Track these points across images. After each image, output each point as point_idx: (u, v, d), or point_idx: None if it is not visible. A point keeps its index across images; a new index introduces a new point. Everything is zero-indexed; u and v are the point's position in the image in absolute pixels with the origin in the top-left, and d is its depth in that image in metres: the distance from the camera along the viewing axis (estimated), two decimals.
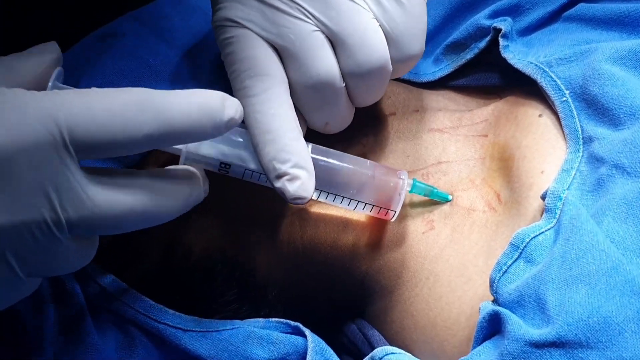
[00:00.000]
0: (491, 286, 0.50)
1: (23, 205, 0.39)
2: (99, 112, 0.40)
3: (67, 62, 0.55)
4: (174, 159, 0.50)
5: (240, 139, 0.51)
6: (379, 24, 0.51)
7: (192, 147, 0.50)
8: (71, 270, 0.44)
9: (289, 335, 0.56)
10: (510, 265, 0.50)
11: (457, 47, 0.64)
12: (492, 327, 0.48)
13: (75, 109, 0.40)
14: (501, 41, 0.61)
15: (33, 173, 0.39)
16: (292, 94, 0.51)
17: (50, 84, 0.45)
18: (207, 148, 0.50)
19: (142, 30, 0.58)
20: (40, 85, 0.44)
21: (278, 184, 0.49)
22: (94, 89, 0.42)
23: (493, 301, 0.50)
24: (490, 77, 0.64)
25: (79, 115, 0.40)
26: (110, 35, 0.57)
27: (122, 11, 0.59)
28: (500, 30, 0.61)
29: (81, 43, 0.57)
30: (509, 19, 0.62)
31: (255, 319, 0.57)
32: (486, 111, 0.61)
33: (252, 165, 0.51)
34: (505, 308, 0.48)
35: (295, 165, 0.49)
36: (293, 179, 0.49)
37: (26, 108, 0.39)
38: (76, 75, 0.55)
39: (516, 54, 0.60)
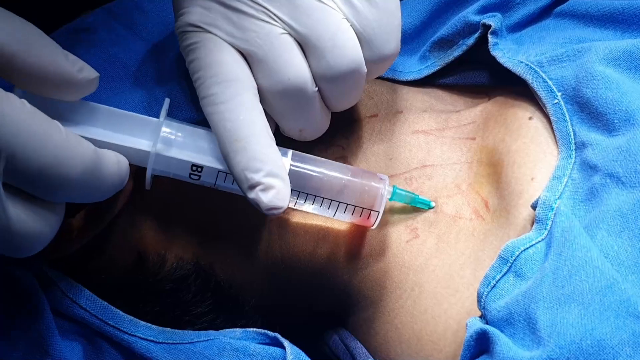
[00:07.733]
0: (479, 301, 0.48)
1: None
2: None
3: None
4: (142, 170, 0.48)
5: (210, 144, 0.49)
6: (350, 24, 0.48)
7: (160, 149, 0.48)
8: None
9: (266, 346, 0.54)
10: (499, 279, 0.48)
11: (444, 44, 0.61)
12: (479, 346, 0.46)
13: None
14: (490, 38, 0.58)
15: None
16: (263, 101, 0.49)
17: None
18: (177, 151, 0.48)
19: (116, 25, 0.55)
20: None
21: (251, 195, 0.47)
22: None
23: (480, 317, 0.48)
24: (478, 76, 0.62)
25: None
26: (83, 30, 0.54)
27: (97, 3, 0.57)
28: (489, 26, 0.58)
29: (53, 36, 0.54)
30: (499, 14, 0.59)
31: (232, 330, 0.55)
32: (474, 112, 0.59)
33: (225, 167, 0.49)
34: (494, 326, 0.46)
35: (269, 173, 0.47)
36: (267, 188, 0.46)
37: None
38: None
39: (506, 52, 0.58)
